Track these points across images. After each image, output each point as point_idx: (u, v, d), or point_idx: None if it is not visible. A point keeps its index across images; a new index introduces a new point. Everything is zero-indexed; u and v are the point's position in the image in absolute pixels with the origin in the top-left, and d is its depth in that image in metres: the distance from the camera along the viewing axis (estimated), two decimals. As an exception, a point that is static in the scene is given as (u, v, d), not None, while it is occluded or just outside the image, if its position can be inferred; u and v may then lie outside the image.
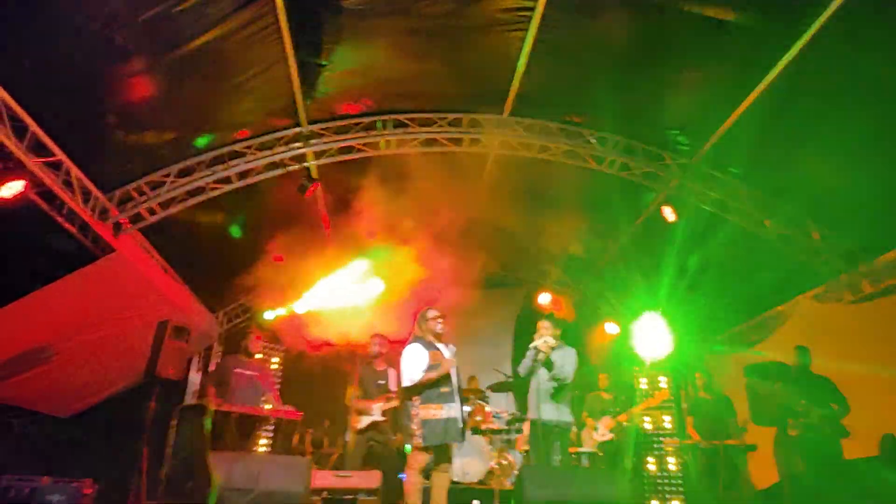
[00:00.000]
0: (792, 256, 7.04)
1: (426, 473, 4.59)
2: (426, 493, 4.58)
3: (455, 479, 6.44)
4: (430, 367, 4.56)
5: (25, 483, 6.36)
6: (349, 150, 7.16)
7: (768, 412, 6.49)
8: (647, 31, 5.58)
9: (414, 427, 4.53)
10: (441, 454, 4.65)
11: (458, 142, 7.25)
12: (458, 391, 4.68)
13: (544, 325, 5.45)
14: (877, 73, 5.00)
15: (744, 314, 8.67)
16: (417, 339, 4.78)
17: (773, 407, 6.25)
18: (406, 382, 4.60)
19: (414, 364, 4.61)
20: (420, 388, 4.56)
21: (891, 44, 4.76)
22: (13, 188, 4.89)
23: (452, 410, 4.54)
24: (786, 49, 5.20)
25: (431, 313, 4.83)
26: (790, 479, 5.95)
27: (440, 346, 4.74)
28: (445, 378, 4.62)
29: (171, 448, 3.74)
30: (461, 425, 4.55)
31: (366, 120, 7.08)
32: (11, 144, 4.87)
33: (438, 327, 4.78)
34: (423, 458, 4.55)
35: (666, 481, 9.40)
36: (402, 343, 5.49)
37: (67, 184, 5.63)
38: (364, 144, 7.15)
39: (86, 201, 5.93)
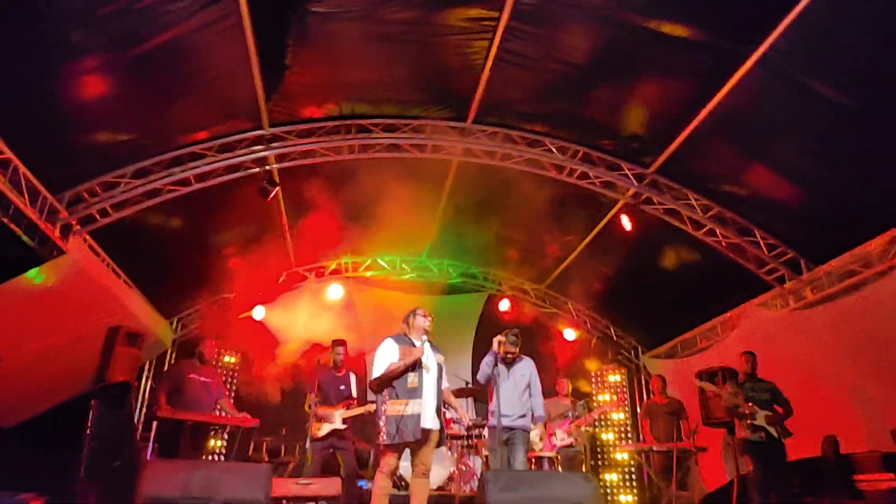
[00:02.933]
0: (740, 265, 7.30)
1: (393, 477, 4.52)
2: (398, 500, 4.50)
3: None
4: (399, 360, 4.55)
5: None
6: (312, 154, 7.08)
7: (717, 415, 6.69)
8: (608, 45, 5.71)
9: (381, 424, 4.43)
10: (420, 456, 4.50)
11: (421, 148, 7.25)
12: (434, 389, 4.58)
13: (505, 335, 5.46)
14: (822, 91, 5.25)
15: (694, 320, 8.93)
16: (394, 336, 4.75)
17: (722, 410, 6.44)
18: (377, 371, 4.55)
19: (381, 358, 4.58)
20: (383, 382, 4.51)
21: (835, 63, 5.02)
22: (-44, 186, 4.64)
23: (416, 407, 4.38)
24: (736, 66, 5.41)
25: (421, 311, 4.86)
26: (738, 478, 6.14)
27: (416, 341, 4.68)
28: (414, 373, 4.51)
29: (90, 429, 3.47)
30: (424, 423, 4.36)
31: (329, 124, 7.01)
32: (-46, 141, 4.64)
33: (426, 324, 4.79)
34: (391, 460, 4.41)
35: (620, 482, 9.59)
36: (360, 357, 5.44)
37: (14, 183, 5.37)
38: (327, 149, 7.08)
39: (33, 202, 5.66)
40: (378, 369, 4.56)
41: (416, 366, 4.55)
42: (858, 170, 5.72)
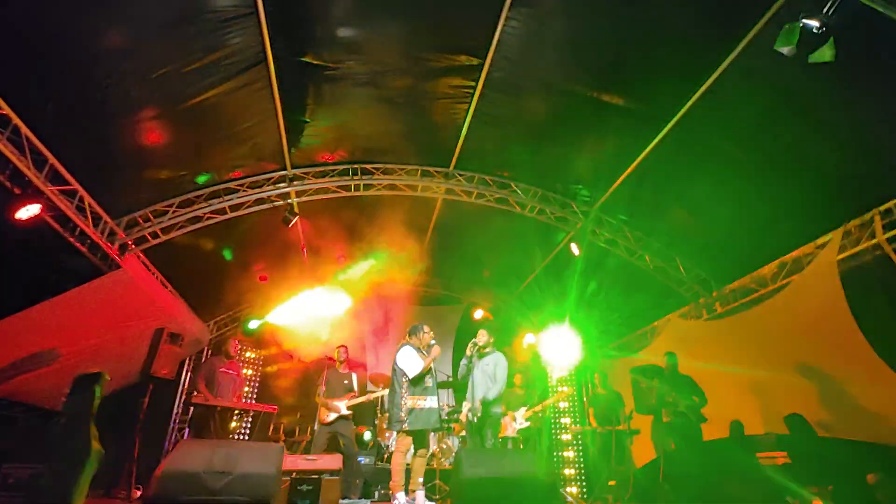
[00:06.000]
0: (663, 283, 7.29)
1: (407, 455, 4.47)
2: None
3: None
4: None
5: (25, 469, 5.72)
6: (325, 190, 6.99)
7: (647, 403, 6.58)
8: (559, 109, 5.74)
9: (402, 414, 4.42)
10: (420, 441, 4.54)
11: (413, 188, 7.20)
12: (436, 388, 4.66)
13: (481, 333, 5.35)
14: (725, 148, 5.31)
15: (629, 327, 8.87)
16: (407, 345, 4.74)
17: (651, 399, 6.35)
18: (413, 372, 4.53)
19: (412, 360, 4.61)
20: (421, 376, 4.55)
21: (734, 127, 5.09)
22: (29, 211, 4.48)
23: (434, 402, 4.49)
24: (660, 128, 5.47)
25: (426, 328, 4.85)
26: (664, 455, 6.03)
27: (423, 351, 4.77)
28: (429, 374, 4.61)
29: (61, 412, 3.27)
30: (439, 415, 4.53)
31: (340, 167, 6.94)
32: (31, 174, 4.49)
33: (430, 339, 4.82)
34: (407, 442, 4.44)
35: (570, 459, 9.39)
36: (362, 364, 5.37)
37: (81, 209, 5.23)
38: (338, 187, 7.00)
39: (96, 225, 5.51)
40: (413, 368, 4.55)
41: (429, 370, 4.66)
42: (753, 210, 5.75)
